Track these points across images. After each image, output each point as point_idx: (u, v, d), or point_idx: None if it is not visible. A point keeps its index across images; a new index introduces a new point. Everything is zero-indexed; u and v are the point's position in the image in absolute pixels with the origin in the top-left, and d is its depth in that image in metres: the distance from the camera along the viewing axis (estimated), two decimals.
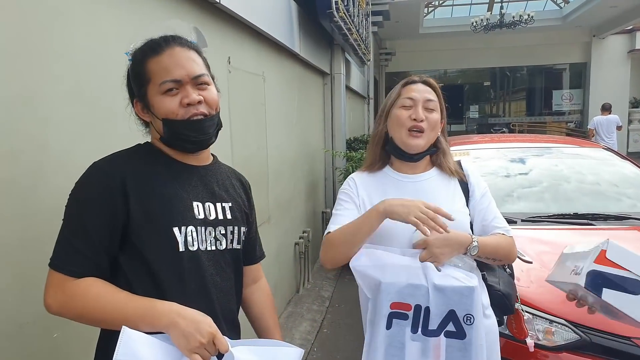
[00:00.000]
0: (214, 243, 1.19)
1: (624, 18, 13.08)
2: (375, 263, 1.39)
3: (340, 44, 5.64)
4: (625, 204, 3.11)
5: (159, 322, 1.00)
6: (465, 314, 1.34)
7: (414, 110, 1.52)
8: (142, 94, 1.15)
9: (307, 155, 4.98)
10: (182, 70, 1.12)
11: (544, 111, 16.93)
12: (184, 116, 1.13)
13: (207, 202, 1.20)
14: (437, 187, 1.56)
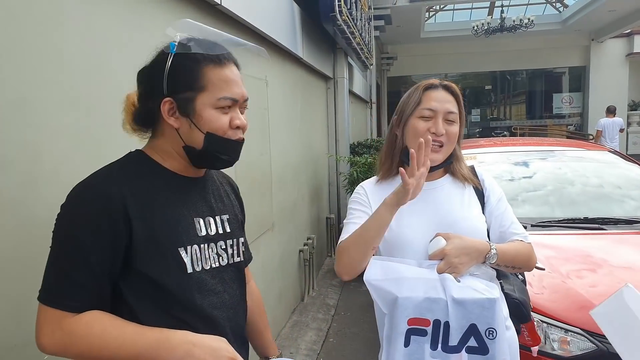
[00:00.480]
0: (217, 259, 1.14)
1: (622, 22, 13.11)
2: (390, 276, 1.32)
3: (343, 47, 5.60)
4: (633, 207, 3.07)
5: (174, 354, 0.95)
6: (487, 328, 1.27)
7: (434, 123, 1.43)
8: (184, 98, 1.05)
9: (310, 160, 4.94)
10: (239, 90, 1.09)
11: (544, 114, 16.93)
12: (231, 137, 1.09)
13: (207, 216, 1.14)
14: (451, 194, 1.50)
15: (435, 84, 1.49)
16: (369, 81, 10.03)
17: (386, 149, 1.57)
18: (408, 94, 1.52)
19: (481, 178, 1.56)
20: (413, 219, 1.43)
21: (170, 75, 1.04)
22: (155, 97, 1.06)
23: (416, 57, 15.37)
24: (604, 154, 3.74)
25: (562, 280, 2.26)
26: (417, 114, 1.46)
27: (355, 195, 1.57)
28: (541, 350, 2.04)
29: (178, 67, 1.04)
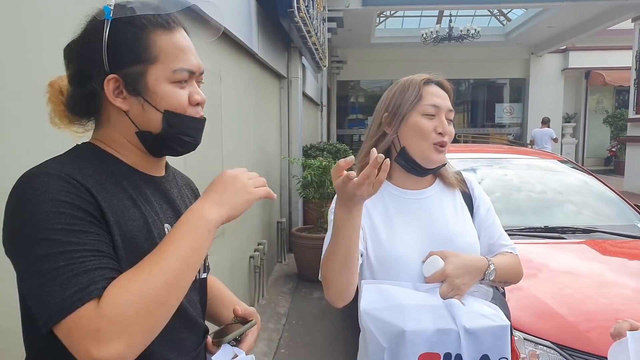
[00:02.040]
0: None
1: (559, 38, 13.83)
2: (390, 303, 1.17)
3: (298, 46, 5.45)
4: (588, 216, 3.12)
5: (209, 218, 0.83)
6: (500, 358, 1.16)
7: (439, 121, 1.29)
8: (132, 73, 0.86)
9: (263, 162, 4.73)
10: (196, 60, 0.92)
11: (486, 123, 17.55)
12: (192, 114, 0.92)
13: (174, 223, 0.95)
14: (443, 204, 1.37)
15: (431, 80, 1.35)
16: (320, 84, 9.95)
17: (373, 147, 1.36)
18: (401, 89, 1.34)
19: (470, 187, 1.45)
20: (407, 235, 1.30)
21: (110, 47, 0.84)
22: (93, 77, 0.85)
23: (365, 62, 15.49)
24: (555, 163, 3.80)
25: (526, 290, 2.21)
26: (420, 111, 1.30)
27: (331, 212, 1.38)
28: None
29: (119, 36, 0.85)
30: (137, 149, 0.92)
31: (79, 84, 0.87)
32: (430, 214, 1.34)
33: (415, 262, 1.27)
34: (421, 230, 1.31)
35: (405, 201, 1.36)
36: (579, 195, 3.34)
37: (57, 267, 0.72)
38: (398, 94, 1.34)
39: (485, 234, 1.40)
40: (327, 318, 4.08)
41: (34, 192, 0.76)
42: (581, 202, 3.29)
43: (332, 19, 8.91)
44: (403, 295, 1.18)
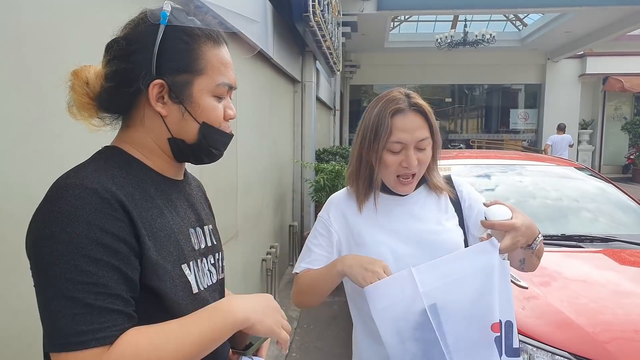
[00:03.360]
0: (209, 276, 0.97)
1: (576, 44, 13.65)
2: (396, 299, 1.17)
3: (312, 50, 5.46)
4: (605, 224, 3.06)
5: (236, 317, 0.85)
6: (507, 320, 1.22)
7: (406, 156, 1.32)
8: (179, 82, 0.86)
9: (276, 166, 4.74)
10: (234, 75, 0.94)
11: (500, 129, 17.40)
12: (224, 129, 0.93)
13: (197, 227, 0.97)
14: (426, 206, 1.42)
15: (402, 108, 1.32)
16: (334, 88, 9.96)
17: (354, 172, 1.43)
18: (375, 123, 1.34)
19: (459, 189, 1.48)
20: (388, 236, 1.37)
21: (160, 52, 0.85)
22: (137, 79, 0.84)
23: (379, 66, 15.47)
24: (573, 170, 3.74)
25: (543, 300, 2.17)
26: (387, 147, 1.32)
27: (321, 217, 1.47)
28: None
29: (171, 43, 0.86)
30: (165, 154, 0.92)
31: (123, 82, 0.85)
32: (411, 215, 1.39)
33: (398, 261, 1.32)
34: (404, 232, 1.37)
35: (390, 205, 1.42)
36: (596, 203, 3.28)
37: (75, 297, 0.72)
38: (372, 125, 1.35)
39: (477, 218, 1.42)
40: (338, 323, 4.06)
41: (69, 209, 0.74)
42: (599, 209, 3.24)
43: (346, 24, 8.92)
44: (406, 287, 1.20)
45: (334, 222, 1.43)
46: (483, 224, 1.22)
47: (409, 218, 1.39)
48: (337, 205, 1.46)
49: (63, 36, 1.40)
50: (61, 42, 1.38)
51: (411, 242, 1.36)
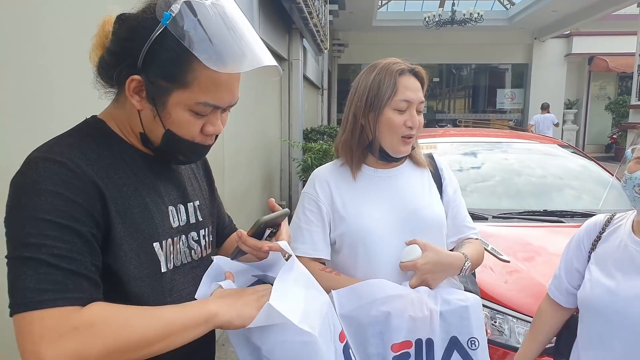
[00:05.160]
0: (189, 254, 0.97)
1: (563, 23, 13.67)
2: (359, 303, 1.21)
3: (299, 28, 5.41)
4: (587, 201, 3.12)
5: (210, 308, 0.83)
6: (469, 338, 1.22)
7: (410, 115, 1.34)
8: (158, 86, 0.83)
9: (264, 145, 4.74)
10: (229, 96, 0.88)
11: (487, 109, 17.49)
12: (198, 142, 0.90)
13: (179, 204, 0.97)
14: (411, 180, 1.45)
15: (405, 69, 1.35)
16: (321, 67, 9.89)
17: (348, 139, 1.41)
18: (378, 80, 1.34)
19: (440, 167, 1.52)
20: (374, 208, 1.37)
21: (151, 50, 0.81)
22: (123, 64, 0.83)
23: (367, 45, 15.36)
24: (557, 148, 3.79)
25: (525, 273, 2.23)
26: (393, 106, 1.33)
27: (307, 193, 1.43)
28: (506, 343, 2.00)
29: (165, 46, 0.81)
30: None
31: (113, 60, 0.85)
32: (398, 189, 1.40)
33: (383, 235, 1.33)
34: (388, 203, 1.38)
35: (375, 179, 1.42)
36: (579, 180, 3.34)
37: (39, 258, 0.72)
38: (373, 84, 1.35)
39: (451, 213, 1.47)
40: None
41: (37, 178, 0.76)
42: (581, 186, 3.30)
43: (333, 1, 8.83)
44: (371, 291, 1.22)
45: (322, 196, 1.41)
46: (399, 267, 1.29)
47: (396, 191, 1.40)
48: (322, 178, 1.44)
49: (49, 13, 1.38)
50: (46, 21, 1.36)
51: (397, 215, 1.37)
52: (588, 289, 1.29)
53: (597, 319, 1.27)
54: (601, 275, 1.27)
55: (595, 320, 1.28)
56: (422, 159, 1.49)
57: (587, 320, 1.31)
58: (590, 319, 1.30)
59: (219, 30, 0.80)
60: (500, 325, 2.03)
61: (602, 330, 1.25)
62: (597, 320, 1.27)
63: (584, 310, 1.32)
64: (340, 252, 1.39)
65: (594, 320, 1.28)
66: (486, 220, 2.72)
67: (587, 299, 1.29)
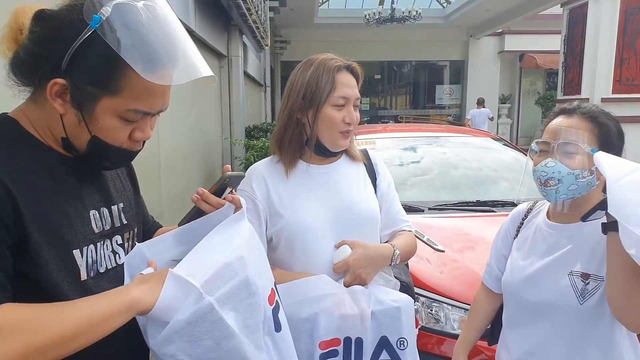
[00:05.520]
0: (113, 258, 0.93)
1: (495, 21, 14.31)
2: (292, 300, 1.21)
3: (238, 24, 5.33)
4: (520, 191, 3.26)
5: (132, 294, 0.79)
6: (398, 338, 1.26)
7: (347, 112, 1.36)
8: (85, 92, 0.79)
9: (203, 143, 4.63)
10: (161, 102, 0.86)
11: (427, 104, 18.00)
12: (126, 148, 0.88)
13: (102, 207, 0.93)
14: (347, 176, 1.46)
15: (343, 65, 1.38)
16: (263, 64, 9.81)
17: (284, 136, 1.40)
18: (316, 77, 1.35)
19: (374, 162, 1.55)
20: (311, 204, 1.38)
21: (78, 54, 0.76)
22: (45, 65, 0.77)
23: (310, 42, 15.33)
24: (490, 141, 3.96)
25: (460, 262, 2.31)
26: (331, 102, 1.34)
27: (243, 191, 1.39)
28: (442, 330, 2.06)
29: (93, 51, 0.76)
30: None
31: (32, 60, 0.79)
32: (334, 184, 1.42)
33: (320, 230, 1.34)
34: (325, 199, 1.39)
35: (312, 175, 1.42)
36: (512, 172, 3.49)
37: None
38: (313, 81, 1.35)
39: (385, 207, 1.51)
40: None
41: None
42: (514, 178, 3.44)
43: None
44: (305, 289, 1.24)
45: (258, 193, 1.39)
46: (333, 270, 1.32)
47: (332, 186, 1.41)
48: (259, 174, 1.42)
49: None
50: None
51: (333, 210, 1.38)
52: (508, 273, 1.37)
53: (514, 299, 1.35)
54: (519, 259, 1.35)
55: (513, 301, 1.36)
56: (358, 153, 1.51)
57: (508, 301, 1.39)
58: (509, 300, 1.38)
59: (153, 36, 0.76)
60: (436, 313, 2.09)
61: (519, 310, 1.33)
62: (514, 300, 1.35)
63: (505, 292, 1.40)
64: (278, 248, 1.38)
65: (513, 301, 1.36)
66: (422, 212, 2.79)
67: (506, 282, 1.37)
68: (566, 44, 10.03)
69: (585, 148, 1.19)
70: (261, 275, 0.95)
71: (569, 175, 1.19)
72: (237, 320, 0.86)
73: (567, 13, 10.01)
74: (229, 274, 0.86)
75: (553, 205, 1.29)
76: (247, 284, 0.89)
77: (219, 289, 0.84)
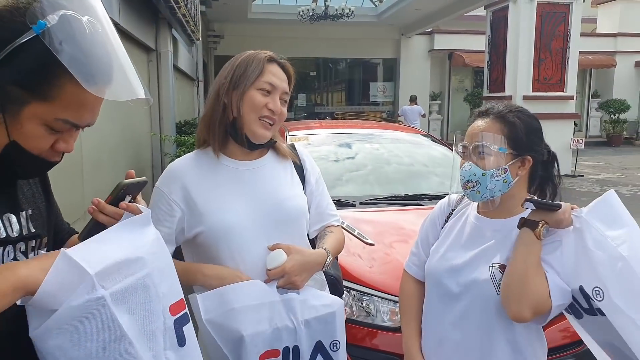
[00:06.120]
0: None
1: (425, 21, 14.84)
2: (227, 308, 1.19)
3: (167, 18, 5.16)
4: (445, 185, 3.41)
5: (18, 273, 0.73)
6: (332, 341, 1.29)
7: (272, 100, 1.33)
8: (13, 95, 0.76)
9: (131, 140, 4.45)
10: (91, 117, 0.85)
11: (362, 101, 18.35)
12: (45, 157, 0.84)
13: (6, 213, 0.87)
14: (274, 172, 1.44)
15: (275, 59, 1.37)
16: (196, 58, 9.57)
17: (209, 117, 1.36)
18: (246, 62, 1.34)
19: (302, 157, 1.53)
20: (236, 202, 1.33)
21: (11, 55, 0.73)
22: None
23: (244, 37, 15.14)
24: (419, 137, 4.09)
25: (389, 255, 2.37)
26: (257, 86, 1.32)
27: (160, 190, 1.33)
28: (372, 323, 2.10)
29: (30, 54, 0.74)
30: None
31: None
32: (262, 182, 1.39)
33: (245, 228, 1.31)
34: (251, 197, 1.36)
35: (237, 172, 1.38)
36: (441, 167, 3.61)
37: None
38: (241, 65, 1.34)
39: (314, 202, 1.50)
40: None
41: None
42: (443, 173, 3.57)
43: None
44: (239, 296, 1.21)
45: (174, 195, 1.33)
46: (266, 274, 1.30)
47: (259, 183, 1.38)
48: (178, 173, 1.36)
49: None
50: None
51: (261, 207, 1.35)
52: (434, 260, 1.41)
53: (435, 285, 1.39)
54: (444, 247, 1.40)
55: (434, 286, 1.40)
56: (286, 150, 1.48)
57: (429, 287, 1.43)
58: (431, 286, 1.42)
59: (95, 50, 0.77)
60: (367, 305, 2.13)
61: (439, 296, 1.38)
62: (435, 285, 1.39)
63: (428, 278, 1.44)
64: (204, 252, 1.33)
65: (434, 286, 1.41)
66: (354, 207, 2.84)
67: (431, 268, 1.41)
68: (490, 44, 10.59)
69: (493, 148, 1.26)
70: (163, 282, 0.88)
71: (484, 176, 1.25)
72: (133, 325, 0.80)
73: (490, 15, 10.57)
74: (126, 271, 0.80)
75: (483, 203, 1.34)
76: (146, 286, 0.83)
77: (115, 284, 0.78)
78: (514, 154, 1.28)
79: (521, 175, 1.30)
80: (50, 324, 0.73)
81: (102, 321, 0.75)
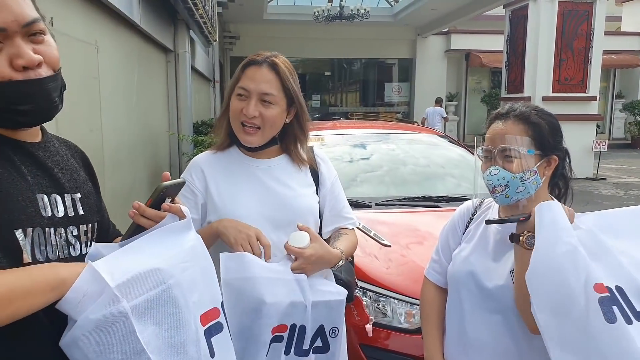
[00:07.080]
0: (67, 249, 0.88)
1: (442, 21, 14.71)
2: (247, 274, 1.19)
3: (185, 19, 5.21)
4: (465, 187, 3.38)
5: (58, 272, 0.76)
6: (332, 327, 1.32)
7: (247, 104, 1.34)
8: None
9: (149, 139, 4.50)
10: (7, 13, 0.77)
11: (377, 102, 18.29)
12: (20, 78, 0.79)
13: (52, 193, 0.88)
14: (286, 172, 1.48)
15: (259, 60, 1.37)
16: (212, 59, 9.65)
17: (220, 118, 1.47)
18: (238, 67, 1.43)
19: (318, 161, 1.56)
20: (248, 197, 1.40)
21: None
22: None
23: (259, 38, 15.25)
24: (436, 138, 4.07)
25: (406, 256, 2.36)
26: (236, 92, 1.38)
27: (187, 175, 1.45)
28: (389, 324, 2.10)
29: None
30: None
31: None
32: (271, 179, 1.44)
33: (255, 223, 1.33)
34: (261, 193, 1.41)
35: (250, 167, 1.45)
36: (458, 168, 3.59)
37: None
38: (235, 73, 1.43)
39: (329, 205, 1.53)
40: None
41: None
42: (460, 174, 3.55)
43: None
44: (258, 267, 1.22)
45: (197, 183, 1.41)
46: (285, 247, 1.31)
47: (270, 181, 1.43)
48: (200, 165, 1.45)
49: None
50: None
51: (270, 204, 1.40)
52: (455, 264, 1.40)
53: (459, 289, 1.38)
54: (466, 251, 1.39)
55: (456, 291, 1.39)
56: (301, 156, 1.49)
57: (452, 291, 1.42)
58: (454, 290, 1.41)
59: None
60: (383, 307, 2.13)
61: (462, 300, 1.37)
62: (458, 290, 1.38)
63: (450, 282, 1.43)
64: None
65: (457, 291, 1.39)
66: (370, 207, 2.84)
67: (453, 272, 1.40)
68: (509, 44, 10.45)
69: (521, 151, 1.24)
70: (194, 291, 0.88)
71: (513, 179, 1.24)
72: (159, 337, 0.79)
73: (509, 14, 10.43)
74: (153, 281, 0.80)
75: (503, 207, 1.33)
76: (173, 297, 0.82)
77: (137, 297, 0.78)
78: (541, 154, 1.26)
79: (547, 176, 1.29)
80: (76, 333, 0.75)
81: (123, 334, 0.76)
